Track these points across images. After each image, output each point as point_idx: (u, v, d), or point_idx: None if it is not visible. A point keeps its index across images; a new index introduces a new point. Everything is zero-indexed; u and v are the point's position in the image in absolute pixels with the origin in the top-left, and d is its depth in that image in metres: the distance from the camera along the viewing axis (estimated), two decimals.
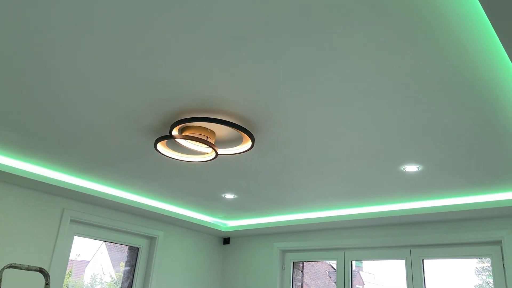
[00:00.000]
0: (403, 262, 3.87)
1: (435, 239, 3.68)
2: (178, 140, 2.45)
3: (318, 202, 3.74)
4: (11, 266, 2.01)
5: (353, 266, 4.26)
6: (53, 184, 3.46)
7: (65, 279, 3.83)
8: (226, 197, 3.83)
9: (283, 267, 4.71)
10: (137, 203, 4.05)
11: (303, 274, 4.80)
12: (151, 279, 4.43)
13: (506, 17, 1.25)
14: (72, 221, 3.93)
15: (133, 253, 4.54)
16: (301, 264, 4.79)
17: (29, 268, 2.06)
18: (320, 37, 1.57)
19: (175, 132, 2.38)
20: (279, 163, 2.90)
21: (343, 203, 3.72)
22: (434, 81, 1.80)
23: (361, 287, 4.44)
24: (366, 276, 4.47)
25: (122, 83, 2.00)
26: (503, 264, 3.33)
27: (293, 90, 1.95)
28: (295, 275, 4.70)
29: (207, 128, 2.38)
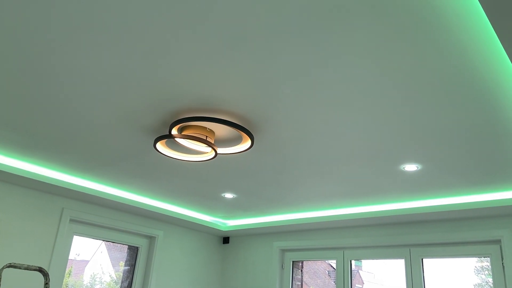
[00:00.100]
0: (403, 261, 3.87)
1: (434, 238, 3.68)
2: (177, 139, 2.45)
3: (318, 201, 3.74)
4: (10, 265, 2.01)
5: (353, 266, 4.26)
6: (52, 183, 3.45)
7: (64, 278, 3.83)
8: (225, 196, 3.83)
9: (282, 267, 4.71)
10: (136, 202, 4.05)
11: (302, 273, 4.80)
12: (151, 279, 4.43)
13: (505, 17, 1.25)
14: (72, 220, 3.93)
15: (133, 252, 4.54)
16: (300, 264, 4.80)
17: (28, 268, 2.06)
18: (320, 37, 1.57)
19: (174, 131, 2.38)
20: (278, 163, 2.90)
21: (342, 202, 3.72)
22: (434, 81, 1.80)
23: (361, 286, 4.44)
24: (365, 275, 4.47)
25: (122, 82, 2.00)
26: (503, 263, 3.34)
27: (293, 90, 1.95)
28: (294, 275, 4.70)
29: (206, 128, 2.38)
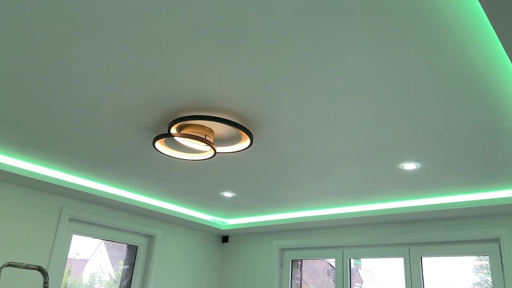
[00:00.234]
0: (402, 260, 3.88)
1: (433, 237, 3.68)
2: (176, 138, 2.45)
3: (317, 200, 3.75)
4: (9, 264, 2.01)
5: (352, 264, 4.27)
6: (51, 182, 3.45)
7: (64, 277, 3.83)
8: (224, 195, 3.83)
9: (282, 265, 4.72)
10: (135, 201, 4.04)
11: (301, 272, 4.80)
12: (150, 277, 4.43)
13: (505, 16, 1.25)
14: (71, 219, 3.92)
15: (132, 251, 4.54)
16: (300, 262, 4.80)
17: (27, 267, 2.05)
18: (319, 36, 1.57)
19: (173, 130, 2.37)
20: (277, 161, 2.90)
21: (342, 201, 3.72)
22: (433, 80, 1.80)
23: (360, 285, 4.44)
24: (364, 274, 4.48)
25: (121, 81, 1.99)
26: (501, 262, 3.34)
27: (293, 91, 1.94)
28: (293, 273, 4.70)
29: (205, 126, 2.38)
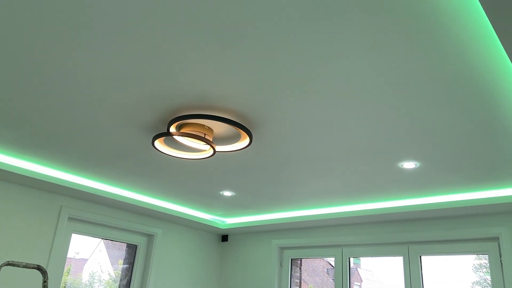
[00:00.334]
0: (401, 258, 3.88)
1: (432, 236, 3.69)
2: (175, 137, 2.45)
3: (316, 199, 3.75)
4: (8, 263, 2.01)
5: (351, 263, 4.27)
6: (50, 182, 3.45)
7: (63, 277, 3.83)
8: (224, 194, 3.83)
9: (281, 264, 4.72)
10: (135, 200, 4.04)
11: (301, 271, 4.80)
12: (150, 277, 4.43)
13: (505, 15, 1.25)
14: (70, 218, 3.92)
15: (131, 250, 4.54)
16: (299, 261, 4.80)
17: (27, 266, 2.05)
18: (318, 34, 1.57)
19: (172, 129, 2.37)
20: (277, 160, 2.90)
21: (341, 200, 3.72)
22: (433, 79, 1.79)
23: (359, 284, 4.44)
24: (364, 273, 4.48)
25: (120, 80, 1.99)
26: (501, 261, 3.34)
27: (294, 93, 1.94)
28: (293, 272, 4.71)
29: (204, 125, 2.38)
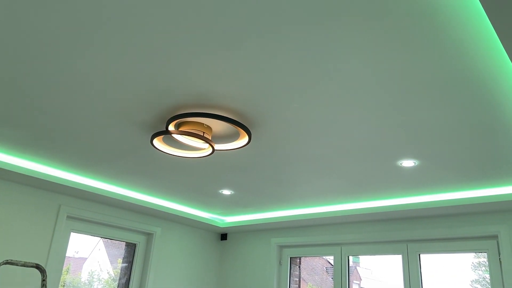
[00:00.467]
0: (400, 257, 3.88)
1: (431, 234, 3.69)
2: (174, 135, 2.44)
3: (315, 197, 3.75)
4: (7, 262, 2.00)
5: (350, 262, 4.27)
6: (49, 180, 3.44)
7: (62, 276, 3.83)
8: (223, 193, 3.83)
9: (280, 263, 4.72)
10: (134, 199, 4.04)
11: (300, 269, 4.81)
12: (149, 275, 4.43)
13: (505, 15, 1.25)
14: (69, 217, 3.92)
15: (131, 249, 4.54)
16: (298, 260, 4.80)
17: (25, 265, 2.05)
18: (317, 33, 1.57)
19: (171, 127, 2.37)
20: (276, 159, 2.89)
21: (340, 198, 3.72)
22: (431, 78, 1.79)
23: (358, 282, 4.45)
24: (363, 272, 4.48)
25: (118, 79, 1.99)
26: (500, 259, 3.34)
27: (293, 92, 1.94)
28: (292, 271, 4.71)
29: (203, 124, 2.38)
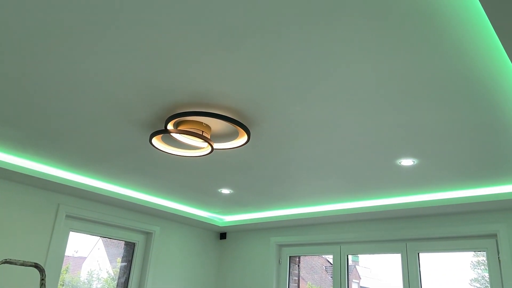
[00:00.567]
0: (399, 256, 3.89)
1: (430, 233, 3.69)
2: (173, 134, 2.44)
3: (315, 196, 3.75)
4: (6, 261, 2.00)
5: (350, 261, 4.27)
6: (48, 179, 3.44)
7: (61, 275, 3.83)
8: (222, 192, 3.83)
9: (279, 262, 4.72)
10: (133, 198, 4.04)
11: (299, 268, 4.81)
12: (148, 274, 4.43)
13: (505, 16, 1.25)
14: (68, 216, 3.92)
15: (130, 248, 4.54)
16: (297, 259, 4.80)
17: (24, 264, 2.05)
18: (317, 34, 1.56)
19: (170, 126, 2.37)
20: (275, 158, 2.89)
21: (339, 197, 3.72)
22: (431, 77, 1.79)
23: (358, 281, 4.45)
24: (362, 271, 4.48)
25: (117, 78, 1.98)
26: (499, 258, 3.35)
27: (292, 91, 1.94)
28: (291, 270, 4.71)
29: (202, 123, 2.37)
